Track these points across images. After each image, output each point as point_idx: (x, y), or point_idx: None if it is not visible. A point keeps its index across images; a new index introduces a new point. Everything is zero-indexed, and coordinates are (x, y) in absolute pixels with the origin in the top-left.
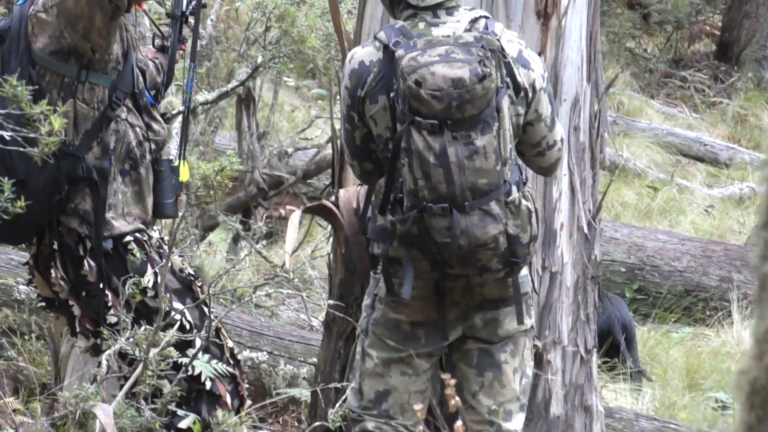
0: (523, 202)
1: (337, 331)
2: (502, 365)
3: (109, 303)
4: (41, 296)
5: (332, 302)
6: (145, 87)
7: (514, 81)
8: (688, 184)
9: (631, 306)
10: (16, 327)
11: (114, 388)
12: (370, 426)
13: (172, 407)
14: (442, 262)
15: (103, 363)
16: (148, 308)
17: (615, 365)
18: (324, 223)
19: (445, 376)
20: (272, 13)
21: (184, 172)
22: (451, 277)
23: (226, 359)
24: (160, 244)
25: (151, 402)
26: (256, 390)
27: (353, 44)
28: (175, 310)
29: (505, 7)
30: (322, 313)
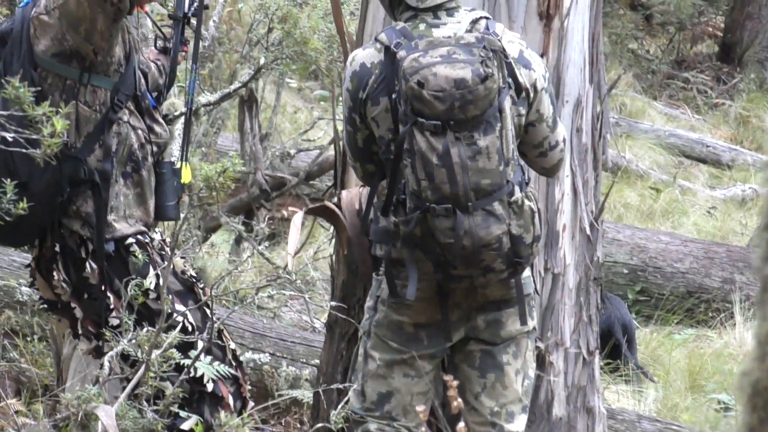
0: (526, 202)
1: (340, 332)
2: (505, 367)
3: (111, 305)
4: (43, 299)
5: (334, 304)
6: (147, 89)
7: (516, 81)
8: (691, 186)
9: (634, 307)
10: (19, 328)
11: (116, 390)
12: (372, 428)
13: (175, 409)
14: (445, 263)
15: (105, 364)
16: (150, 310)
17: (617, 367)
18: (326, 225)
19: (447, 378)
20: (275, 15)
21: (186, 174)
22: (455, 278)
23: (228, 361)
24: (161, 245)
25: (154, 403)
26: (259, 391)
27: (355, 46)
28: (177, 312)
29: (508, 9)
30: (324, 315)
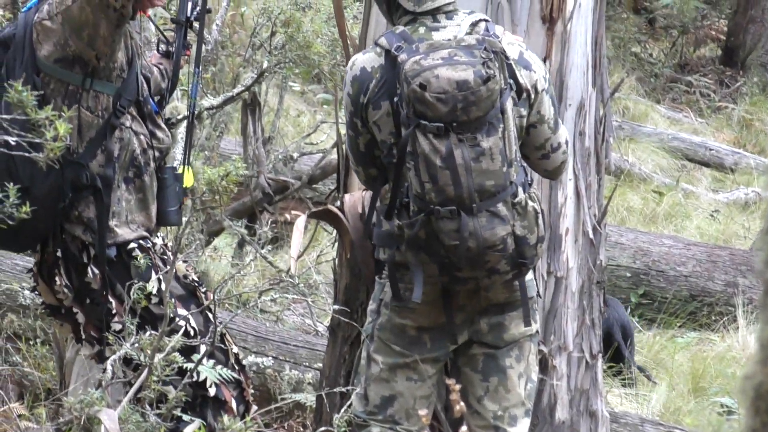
0: (530, 203)
1: (343, 336)
2: (507, 370)
3: (113, 310)
4: (45, 304)
5: (337, 307)
6: (150, 94)
7: (516, 83)
8: (694, 189)
9: (637, 311)
10: (21, 332)
11: (119, 394)
12: (375, 431)
13: (178, 413)
14: (450, 265)
15: (108, 368)
16: (153, 315)
17: (620, 370)
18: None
19: (450, 382)
20: (278, 18)
21: (189, 178)
22: (460, 280)
23: (231, 365)
24: (164, 250)
25: (156, 407)
26: (261, 395)
27: (358, 49)
28: (180, 317)
29: (511, 12)
30: (327, 318)
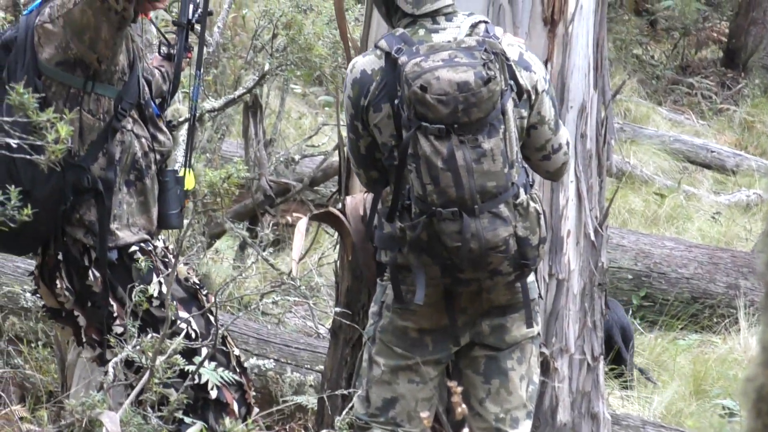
0: (531, 204)
1: (344, 338)
2: (509, 372)
3: (114, 313)
4: (46, 307)
5: (339, 309)
6: (151, 97)
7: (517, 84)
8: (695, 191)
9: (638, 313)
10: (23, 335)
11: (120, 396)
12: None
13: (179, 415)
14: (452, 267)
15: (109, 371)
16: (154, 318)
17: (622, 372)
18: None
19: (451, 384)
20: (279, 21)
21: (190, 180)
22: (463, 282)
23: (232, 367)
24: (165, 253)
25: (158, 410)
26: (263, 397)
27: (359, 52)
28: (181, 319)
29: (512, 14)
30: (328, 321)
